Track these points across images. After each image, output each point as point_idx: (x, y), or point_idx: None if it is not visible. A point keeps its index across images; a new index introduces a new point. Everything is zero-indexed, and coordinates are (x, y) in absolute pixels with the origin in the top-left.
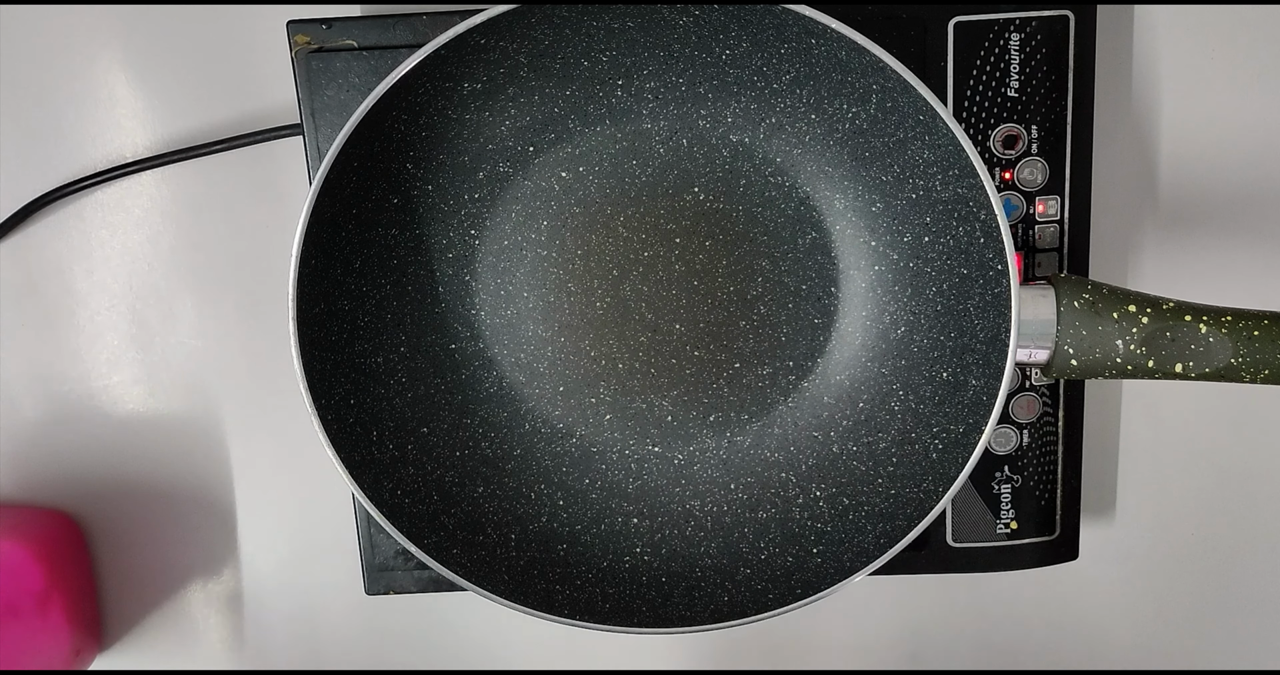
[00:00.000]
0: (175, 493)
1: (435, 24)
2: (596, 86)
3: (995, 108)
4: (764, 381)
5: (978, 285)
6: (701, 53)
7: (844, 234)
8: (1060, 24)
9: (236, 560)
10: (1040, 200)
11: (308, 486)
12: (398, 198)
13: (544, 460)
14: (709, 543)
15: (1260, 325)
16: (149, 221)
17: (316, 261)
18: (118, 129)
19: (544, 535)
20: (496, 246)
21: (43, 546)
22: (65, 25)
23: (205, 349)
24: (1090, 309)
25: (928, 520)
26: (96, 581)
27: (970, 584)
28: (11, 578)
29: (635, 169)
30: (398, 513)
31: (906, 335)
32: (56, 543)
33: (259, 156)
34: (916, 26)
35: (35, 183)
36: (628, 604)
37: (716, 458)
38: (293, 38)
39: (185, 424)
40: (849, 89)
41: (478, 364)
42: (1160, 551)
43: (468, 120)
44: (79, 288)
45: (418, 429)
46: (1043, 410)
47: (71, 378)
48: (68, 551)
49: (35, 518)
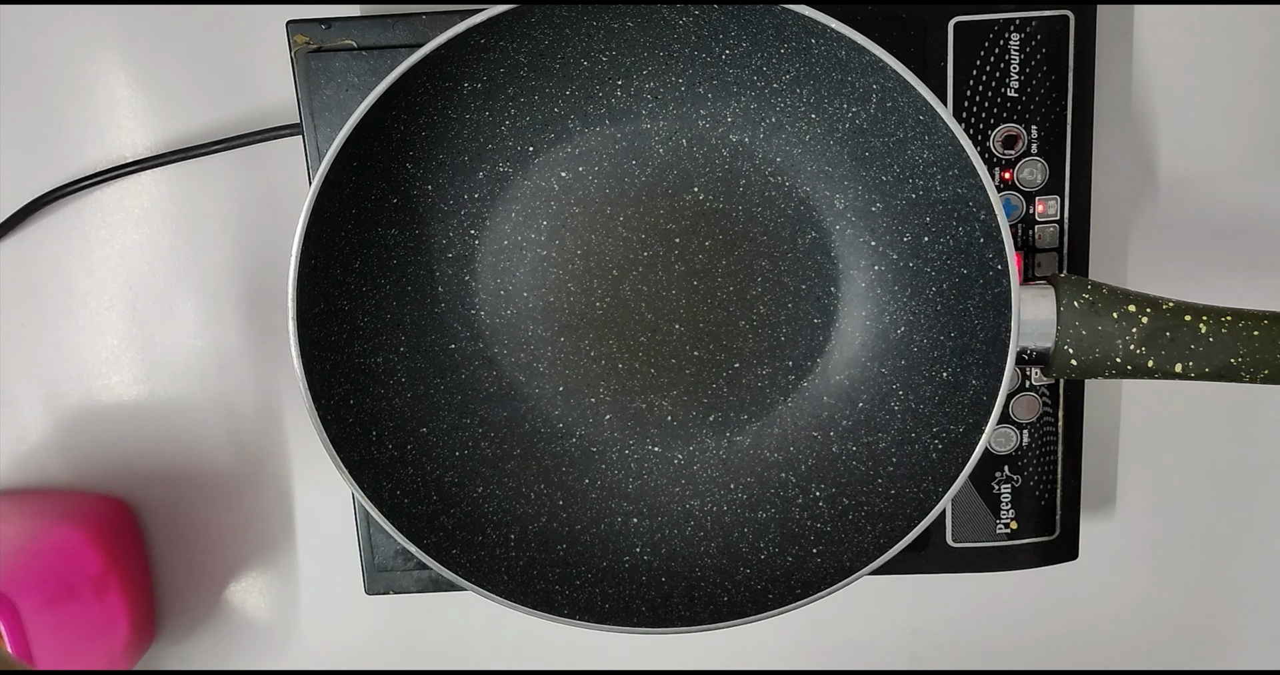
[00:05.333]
0: (176, 491)
1: (435, 24)
2: (596, 86)
3: (995, 108)
4: (764, 381)
5: (978, 285)
6: (701, 53)
7: (844, 234)
8: (1060, 24)
9: (241, 558)
10: (1040, 200)
11: (307, 486)
12: (397, 198)
13: (544, 460)
14: (709, 543)
15: (1260, 325)
16: (149, 221)
17: (316, 261)
18: (118, 129)
19: (544, 535)
20: (496, 246)
21: (99, 531)
22: (65, 25)
23: (205, 349)
24: (1090, 309)
25: (928, 520)
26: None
27: (970, 584)
28: (70, 562)
29: (635, 169)
30: (398, 513)
31: (906, 335)
32: (112, 528)
33: (259, 156)
34: (916, 26)
35: (35, 183)
36: (628, 604)
37: (716, 458)
38: (292, 38)
39: (185, 423)
40: (849, 89)
41: (478, 364)
42: (1160, 551)
43: (468, 120)
44: (79, 288)
45: (418, 429)
46: (1043, 410)
47: (71, 378)
48: (123, 537)
49: (91, 503)
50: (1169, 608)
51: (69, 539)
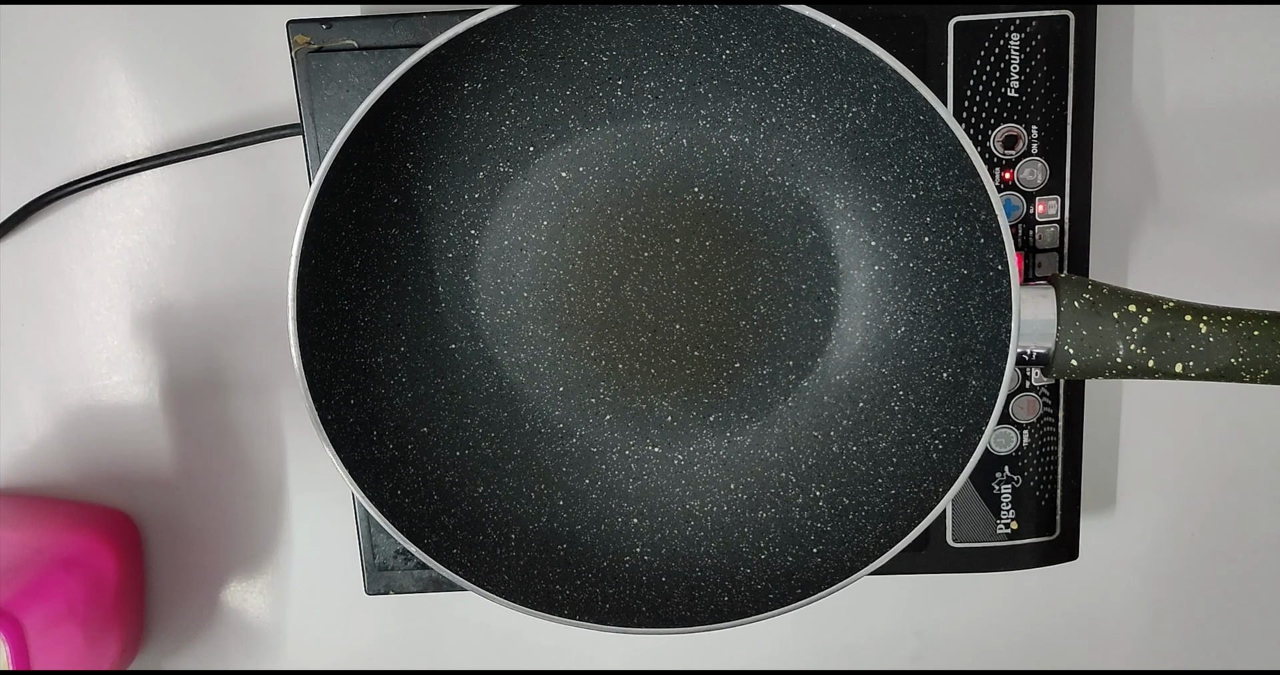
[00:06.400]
0: (175, 492)
1: (435, 24)
2: (596, 86)
3: (995, 108)
4: (764, 381)
5: (978, 285)
6: (701, 53)
7: (844, 234)
8: (1060, 24)
9: (239, 559)
10: (1040, 200)
11: (307, 486)
12: (398, 197)
13: (544, 460)
14: (709, 543)
15: (1260, 325)
16: (149, 221)
17: (316, 261)
18: (118, 129)
19: (544, 535)
20: (496, 246)
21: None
22: (65, 25)
23: (205, 349)
24: (1090, 309)
25: (928, 520)
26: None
27: (970, 584)
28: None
29: (635, 169)
30: (398, 513)
31: (906, 335)
32: (118, 545)
33: (259, 156)
34: (916, 26)
35: (35, 183)
36: (628, 604)
37: (716, 458)
38: (293, 38)
39: (183, 423)
40: (849, 89)
41: (478, 364)
42: (1160, 551)
43: (468, 120)
44: (79, 288)
45: (418, 429)
46: (1043, 410)
47: (71, 378)
48: (127, 553)
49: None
50: (1169, 608)
51: (76, 558)
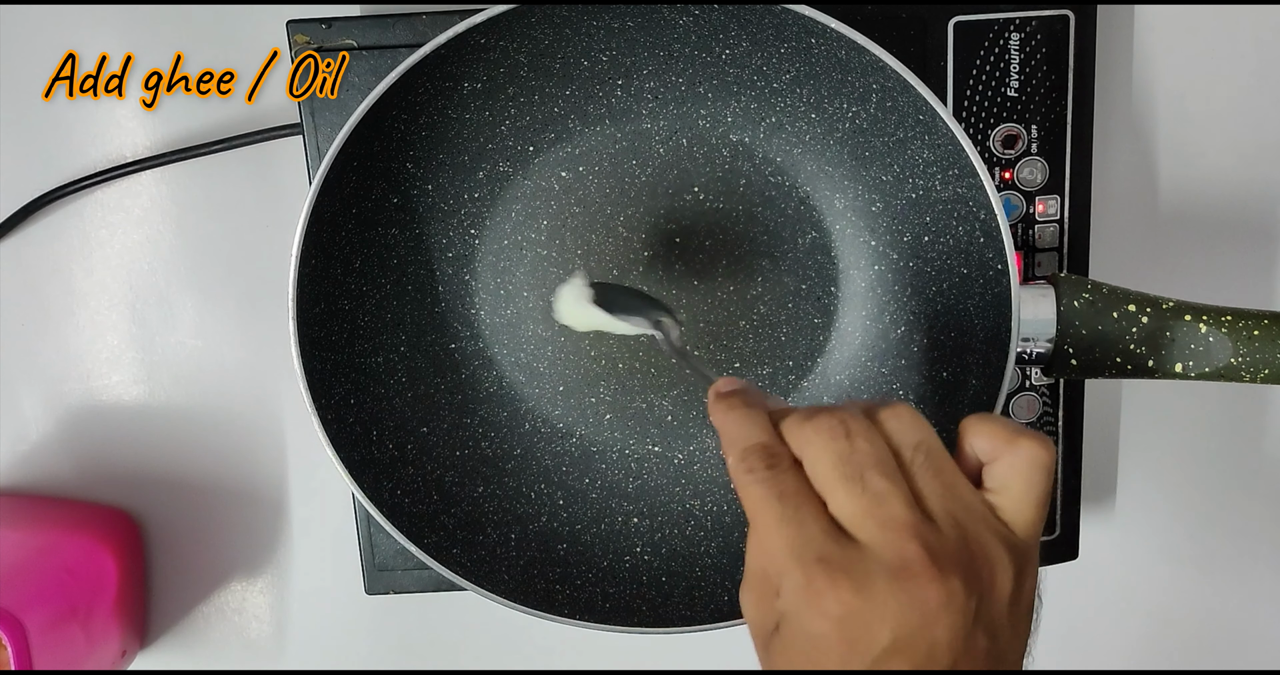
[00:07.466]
0: (175, 492)
1: (435, 24)
2: (596, 86)
3: (995, 107)
4: (764, 381)
5: (978, 285)
6: (701, 52)
7: (844, 234)
8: (1060, 24)
9: (239, 559)
10: (1040, 200)
11: (307, 486)
12: (398, 197)
13: (544, 460)
14: (709, 542)
15: (1260, 325)
16: (149, 221)
17: (316, 261)
18: (118, 129)
19: (544, 535)
20: (496, 246)
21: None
22: (65, 25)
23: (205, 349)
24: (1090, 308)
25: None
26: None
27: None
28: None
29: (635, 169)
30: (398, 513)
31: (906, 335)
32: (120, 545)
33: (259, 156)
34: (916, 26)
35: (35, 183)
36: (628, 604)
37: (716, 457)
38: (293, 38)
39: (185, 423)
40: (849, 88)
41: (478, 364)
42: (1160, 551)
43: (468, 120)
44: (79, 288)
45: (418, 429)
46: (1043, 410)
47: (71, 378)
48: (129, 552)
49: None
50: (1169, 608)
51: (79, 559)
